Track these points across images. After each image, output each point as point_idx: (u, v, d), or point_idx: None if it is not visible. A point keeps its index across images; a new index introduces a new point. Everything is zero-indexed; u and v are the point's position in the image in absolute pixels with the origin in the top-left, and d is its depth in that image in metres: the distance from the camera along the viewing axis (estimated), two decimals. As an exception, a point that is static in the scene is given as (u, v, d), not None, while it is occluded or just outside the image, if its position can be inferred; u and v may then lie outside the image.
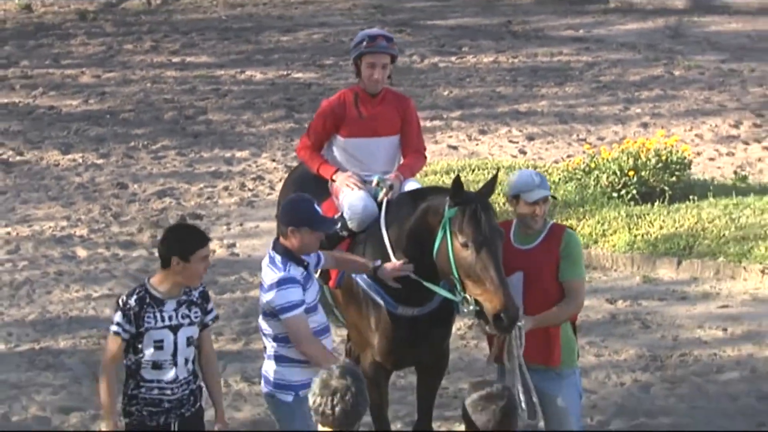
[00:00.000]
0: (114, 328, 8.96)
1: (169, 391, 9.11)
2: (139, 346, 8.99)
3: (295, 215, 9.61)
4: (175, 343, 9.07)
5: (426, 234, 9.83)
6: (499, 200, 13.97)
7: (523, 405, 9.68)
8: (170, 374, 9.09)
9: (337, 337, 11.43)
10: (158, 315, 9.01)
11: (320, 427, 7.27)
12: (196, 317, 9.24)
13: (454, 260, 9.60)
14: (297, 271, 9.47)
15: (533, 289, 9.77)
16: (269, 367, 9.65)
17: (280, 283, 9.40)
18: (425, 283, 9.94)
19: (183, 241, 9.05)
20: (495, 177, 10.08)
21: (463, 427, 7.51)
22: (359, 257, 10.15)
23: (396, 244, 10.13)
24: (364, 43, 10.81)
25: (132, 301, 8.93)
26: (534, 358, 9.75)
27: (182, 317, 9.16)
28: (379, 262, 9.99)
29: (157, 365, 9.04)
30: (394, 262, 9.96)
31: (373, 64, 10.76)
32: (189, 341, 9.19)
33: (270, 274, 9.45)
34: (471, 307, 9.65)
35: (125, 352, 9.06)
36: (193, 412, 9.31)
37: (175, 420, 9.24)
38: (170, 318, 9.07)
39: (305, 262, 9.58)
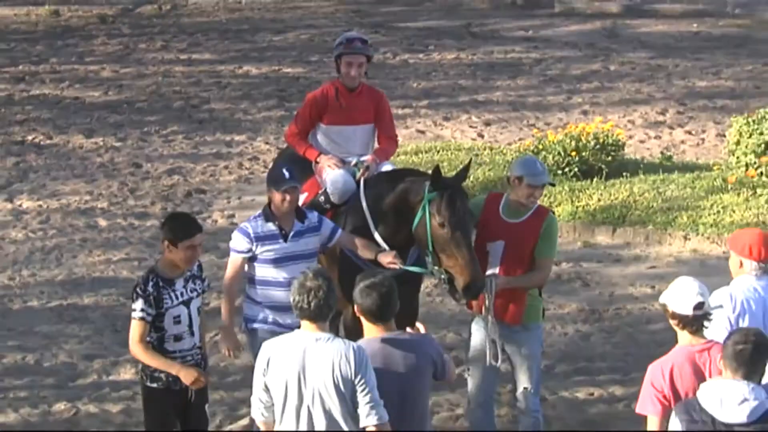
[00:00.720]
0: (138, 314, 8.91)
1: (189, 357, 9.14)
2: (160, 324, 8.98)
3: (267, 179, 10.36)
4: (190, 316, 9.12)
5: (406, 210, 10.02)
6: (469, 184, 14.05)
7: (487, 349, 9.92)
8: (188, 343, 9.14)
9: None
10: (172, 294, 9.02)
11: (302, 323, 7.90)
12: (200, 288, 9.32)
13: (431, 237, 9.79)
14: (260, 226, 9.89)
15: (510, 257, 9.87)
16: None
17: (236, 230, 10.03)
18: (409, 269, 10.14)
19: (174, 230, 9.07)
20: (468, 166, 10.37)
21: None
22: (367, 245, 10.19)
23: (375, 217, 10.28)
24: (343, 45, 11.04)
25: (150, 288, 8.91)
26: (502, 316, 9.91)
27: (191, 291, 9.21)
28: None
29: (177, 338, 9.06)
30: (389, 254, 10.05)
31: (350, 63, 10.95)
32: (198, 311, 9.27)
33: None
34: (442, 276, 9.90)
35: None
36: (204, 371, 9.39)
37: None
38: (182, 294, 9.09)
39: (277, 219, 9.89)
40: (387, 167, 11.01)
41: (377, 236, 10.28)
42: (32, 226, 16.28)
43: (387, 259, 10.04)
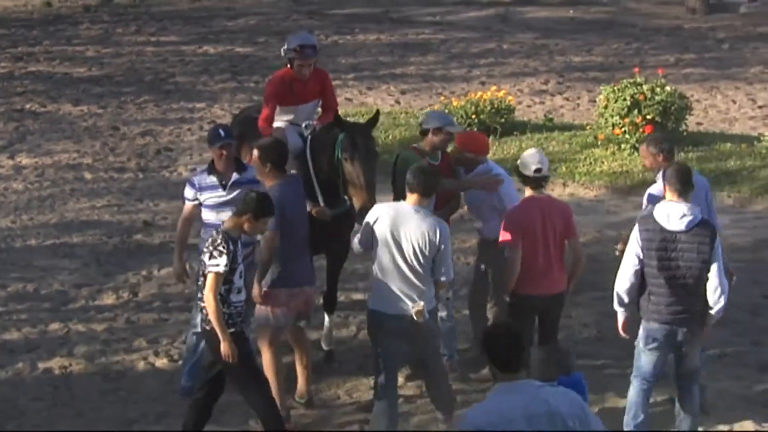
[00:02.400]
0: (221, 269, 8.57)
1: (241, 308, 8.90)
2: (230, 278, 8.70)
3: (207, 138, 10.37)
4: (242, 272, 8.89)
5: (331, 153, 10.00)
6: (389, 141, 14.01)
7: None
8: (243, 296, 8.91)
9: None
10: (238, 252, 8.79)
11: (408, 196, 8.86)
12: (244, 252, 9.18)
13: (341, 170, 9.84)
14: (204, 178, 9.93)
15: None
16: None
17: (186, 182, 10.17)
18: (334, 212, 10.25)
19: (264, 209, 8.79)
20: (376, 116, 10.47)
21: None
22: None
23: (315, 166, 10.25)
24: (296, 52, 10.73)
25: (230, 246, 8.62)
26: None
27: (243, 253, 9.06)
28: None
29: (238, 290, 8.81)
30: (316, 208, 10.14)
31: (302, 65, 10.78)
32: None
33: None
34: (348, 203, 10.07)
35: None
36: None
37: (246, 326, 9.26)
38: (240, 253, 8.87)
39: (217, 172, 9.88)
40: None
41: (315, 184, 10.23)
42: (30, 179, 16.12)
43: (315, 210, 10.12)
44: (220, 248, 8.66)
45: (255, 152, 9.48)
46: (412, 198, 8.86)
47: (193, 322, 9.94)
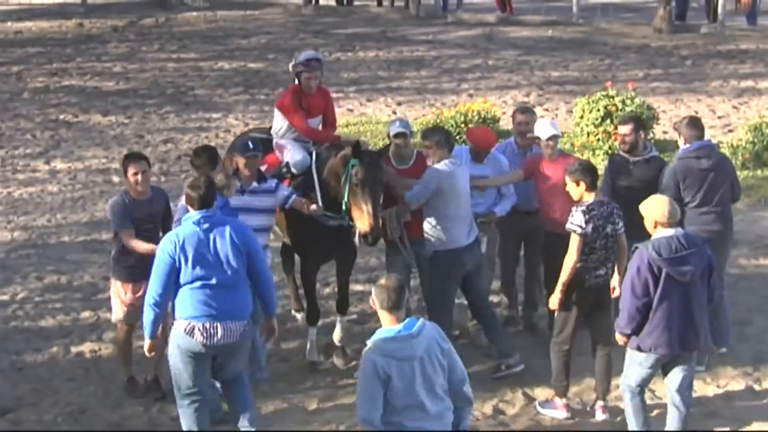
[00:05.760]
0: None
1: None
2: None
3: (234, 147, 10.47)
4: None
5: (338, 173, 9.92)
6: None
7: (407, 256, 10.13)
8: None
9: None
10: None
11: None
12: None
13: (348, 192, 9.71)
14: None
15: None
16: None
17: None
18: (327, 214, 10.05)
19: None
20: (387, 147, 10.34)
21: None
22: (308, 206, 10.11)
23: (321, 182, 10.17)
24: (303, 65, 10.80)
25: None
26: (414, 235, 10.02)
27: None
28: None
29: None
30: (314, 207, 10.01)
31: (309, 78, 10.79)
32: None
33: None
34: (350, 224, 9.95)
35: None
36: None
37: None
38: None
39: (239, 178, 9.86)
40: None
41: (318, 196, 10.15)
42: (64, 182, 16.15)
43: (312, 207, 10.00)
44: None
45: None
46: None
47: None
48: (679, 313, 8.36)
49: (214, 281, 8.21)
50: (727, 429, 9.27)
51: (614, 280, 9.34)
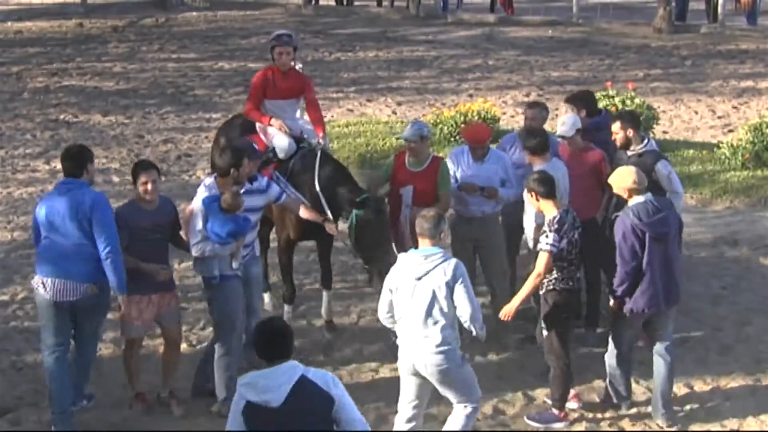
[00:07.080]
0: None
1: None
2: None
3: (243, 149, 9.65)
4: None
5: (343, 201, 10.07)
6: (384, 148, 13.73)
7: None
8: None
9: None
10: None
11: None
12: None
13: (354, 234, 9.80)
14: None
15: (419, 196, 9.99)
16: None
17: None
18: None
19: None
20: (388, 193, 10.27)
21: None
22: (307, 209, 10.11)
23: (322, 188, 10.24)
24: (275, 40, 11.21)
25: None
26: None
27: None
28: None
29: None
30: (331, 227, 10.11)
31: (281, 53, 11.10)
32: None
33: None
34: (363, 266, 10.18)
35: None
36: None
37: None
38: None
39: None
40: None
41: (324, 204, 10.18)
42: (64, 181, 16.08)
43: (329, 226, 10.08)
44: None
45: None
46: None
47: None
48: (661, 272, 8.80)
49: (60, 242, 8.83)
50: (727, 429, 9.26)
51: None
